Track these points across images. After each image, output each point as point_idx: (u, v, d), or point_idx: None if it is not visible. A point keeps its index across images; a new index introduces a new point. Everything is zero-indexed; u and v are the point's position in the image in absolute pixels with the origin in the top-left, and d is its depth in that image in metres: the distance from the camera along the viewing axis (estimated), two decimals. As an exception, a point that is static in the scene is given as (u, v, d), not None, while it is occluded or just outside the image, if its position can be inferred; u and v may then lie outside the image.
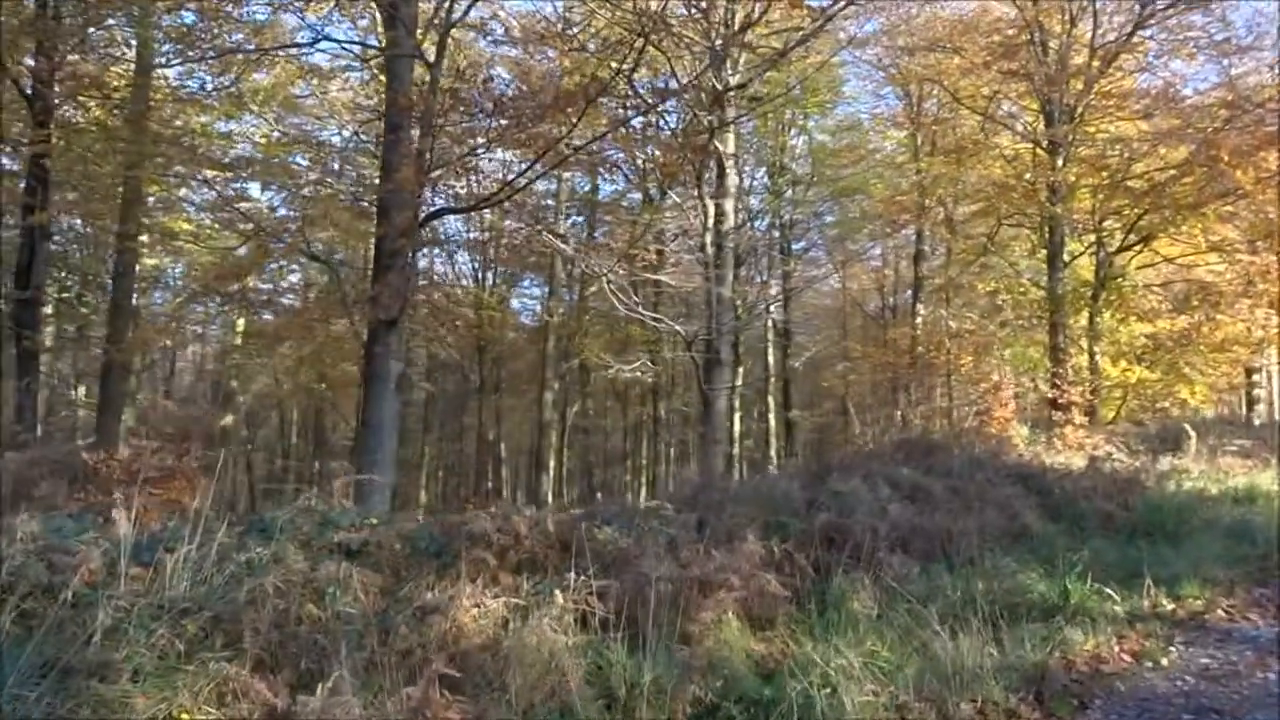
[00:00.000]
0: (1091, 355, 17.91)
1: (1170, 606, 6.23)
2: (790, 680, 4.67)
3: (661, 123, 16.38)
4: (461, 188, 14.01)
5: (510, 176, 12.38)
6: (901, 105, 24.11)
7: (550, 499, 29.07)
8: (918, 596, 6.21)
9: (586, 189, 28.12)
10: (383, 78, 12.49)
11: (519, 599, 5.07)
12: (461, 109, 10.62)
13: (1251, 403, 23.81)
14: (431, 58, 11.34)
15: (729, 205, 15.88)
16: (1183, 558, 7.50)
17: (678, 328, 16.99)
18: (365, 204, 13.46)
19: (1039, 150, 18.66)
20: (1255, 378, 23.38)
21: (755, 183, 27.18)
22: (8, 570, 3.86)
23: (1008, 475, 10.04)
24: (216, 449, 30.89)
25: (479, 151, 11.08)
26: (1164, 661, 5.13)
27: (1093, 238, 18.69)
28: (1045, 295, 18.34)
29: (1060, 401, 15.22)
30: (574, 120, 10.30)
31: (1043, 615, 5.84)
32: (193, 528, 4.63)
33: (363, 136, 14.69)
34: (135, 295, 22.02)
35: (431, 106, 10.88)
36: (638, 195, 24.65)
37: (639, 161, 20.06)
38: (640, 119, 15.85)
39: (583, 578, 5.24)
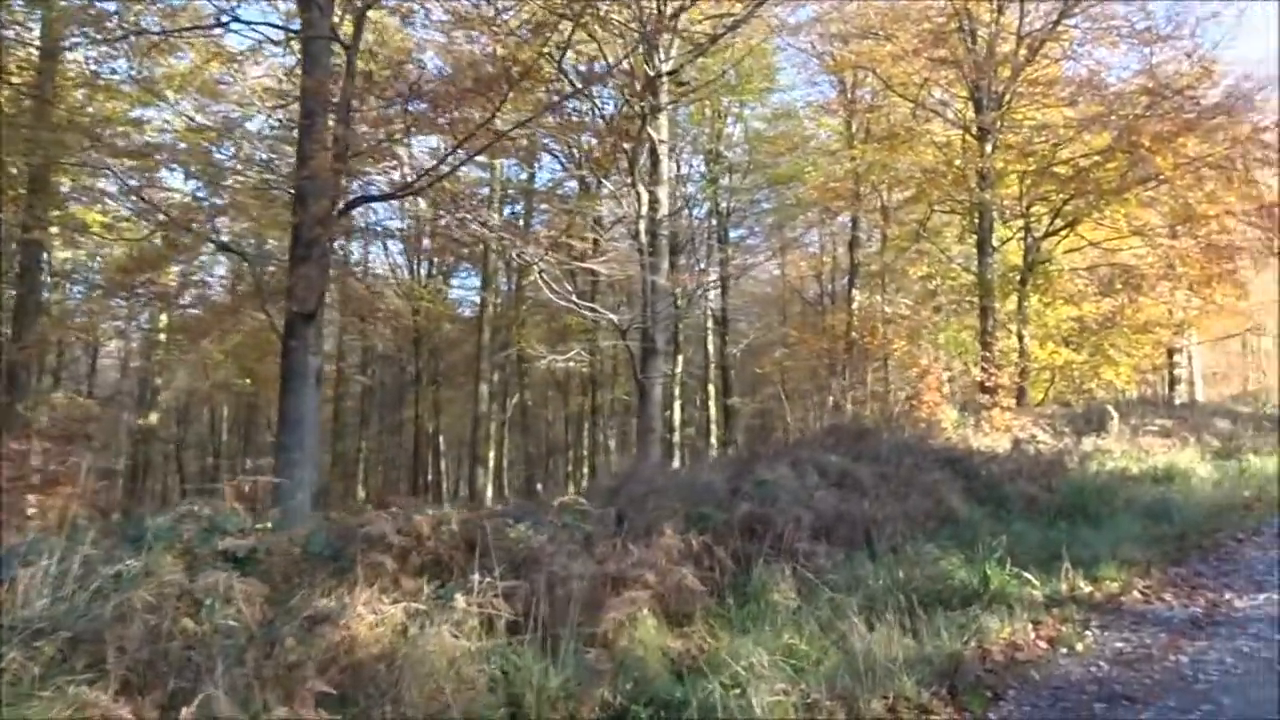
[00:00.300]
0: (1020, 338, 18.10)
1: (1088, 589, 6.21)
2: (702, 680, 4.50)
3: (595, 109, 16.12)
4: (386, 176, 13.58)
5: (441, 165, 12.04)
6: (835, 93, 24.14)
7: (490, 491, 28.73)
8: (839, 586, 6.11)
9: (523, 177, 27.78)
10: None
11: (420, 604, 4.83)
12: (378, 94, 10.23)
13: (1173, 383, 24.34)
14: (351, 40, 10.95)
15: (663, 193, 15.67)
16: (1102, 539, 7.52)
17: (612, 317, 16.78)
18: (282, 192, 12.97)
19: (969, 137, 18.78)
20: (1176, 359, 23.91)
21: (692, 170, 27.12)
22: None
23: (935, 459, 10.04)
24: (120, 449, 29.93)
25: (397, 137, 10.69)
26: (1079, 647, 5.07)
27: (1021, 223, 18.89)
28: (975, 280, 18.49)
29: (989, 385, 15.33)
30: (496, 104, 9.99)
31: (962, 602, 5.77)
32: (65, 539, 4.32)
33: (276, 123, 14.15)
34: (47, 290, 21.20)
35: (348, 91, 10.49)
36: (575, 184, 24.38)
37: (572, 149, 19.80)
38: (574, 106, 15.62)
39: (489, 579, 5.02)
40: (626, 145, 15.16)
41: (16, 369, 15.62)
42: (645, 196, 15.19)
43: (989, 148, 17.91)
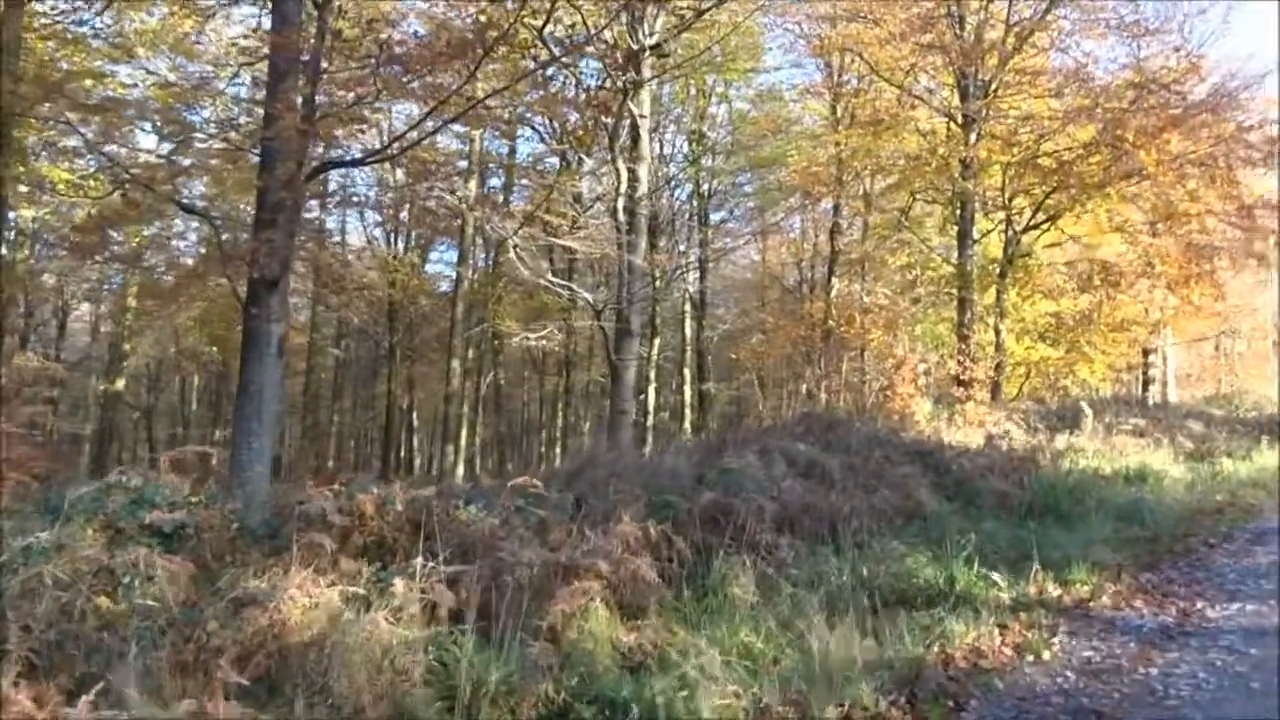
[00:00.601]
0: (997, 332, 17.98)
1: (1057, 593, 6.04)
2: (652, 679, 4.28)
3: (577, 82, 15.79)
4: (358, 141, 13.20)
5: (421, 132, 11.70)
6: (821, 76, 23.86)
7: (461, 470, 28.45)
8: (801, 582, 5.91)
9: (504, 151, 27.35)
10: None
11: (359, 588, 4.57)
12: (348, 54, 9.87)
13: (1147, 383, 24.37)
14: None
15: (643, 171, 15.37)
16: (1074, 540, 7.37)
17: (587, 296, 16.50)
18: (251, 155, 12.57)
19: (953, 125, 18.59)
20: (1151, 358, 23.93)
21: (675, 150, 26.80)
22: None
23: (906, 452, 9.88)
24: (87, 415, 29.33)
25: (368, 101, 10.33)
26: (1045, 655, 4.89)
27: (1002, 215, 18.74)
28: (955, 271, 18.34)
29: (964, 378, 15.19)
30: (471, 70, 9.65)
31: (927, 603, 5.58)
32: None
33: (246, 82, 13.72)
34: (9, 248, 20.63)
35: (318, 51, 10.12)
36: (556, 159, 24.03)
37: (554, 123, 19.44)
38: (556, 78, 15.27)
39: (433, 564, 4.77)
40: (607, 120, 14.86)
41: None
42: (625, 174, 14.92)
43: (973, 137, 17.72)
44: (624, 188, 14.96)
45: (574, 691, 4.33)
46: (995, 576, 6.02)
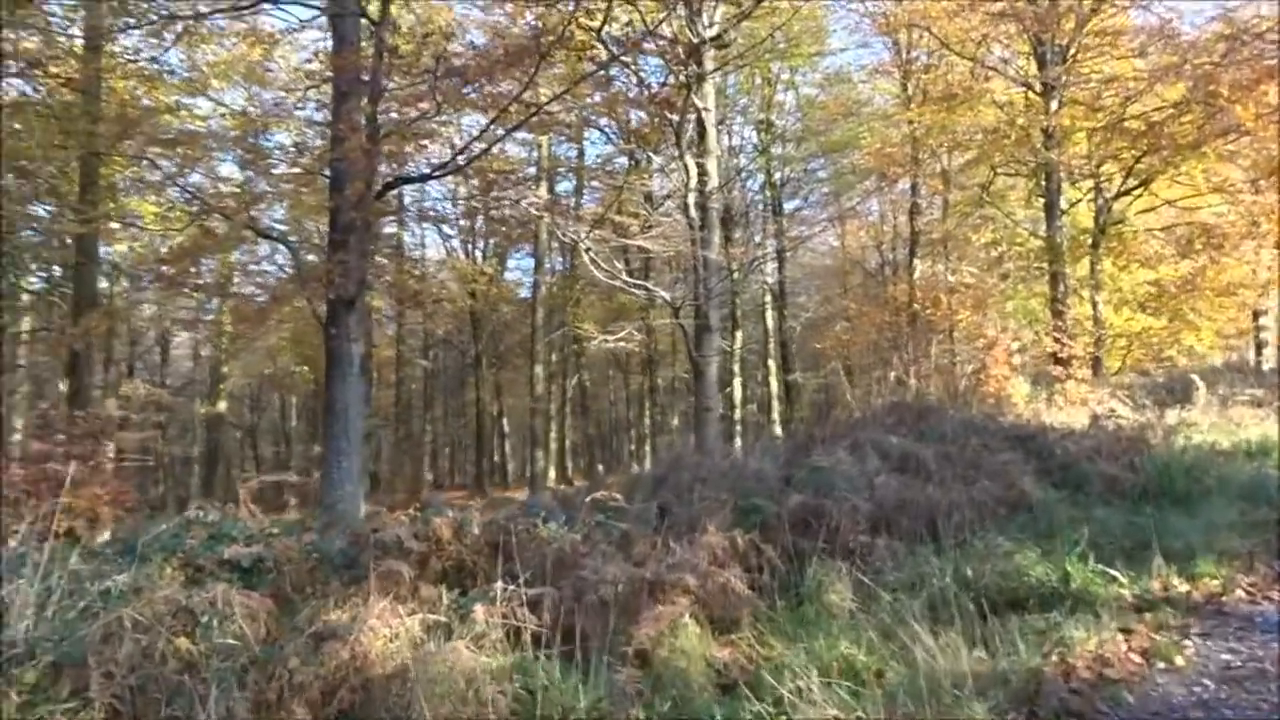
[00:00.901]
0: (1094, 305, 17.20)
1: (1184, 588, 5.57)
2: (745, 702, 4.04)
3: (640, 81, 15.61)
4: (425, 156, 13.26)
5: (485, 142, 11.67)
6: (890, 54, 23.20)
7: (552, 474, 28.58)
8: (901, 585, 5.59)
9: (573, 155, 27.36)
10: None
11: (439, 615, 4.45)
12: (405, 70, 9.87)
13: (1260, 347, 23.07)
14: (379, 17, 10.60)
15: (712, 165, 15.12)
16: (1195, 526, 6.85)
17: (662, 294, 16.32)
18: (323, 177, 12.74)
19: (1032, 94, 17.84)
20: (1262, 321, 22.63)
21: (744, 141, 26.43)
22: None
23: (1005, 438, 9.39)
24: (195, 438, 30.23)
25: (430, 115, 10.32)
26: (1178, 660, 4.47)
27: (1091, 183, 17.92)
28: (1044, 245, 17.60)
29: (1061, 355, 14.53)
30: (529, 76, 9.55)
31: (1040, 605, 5.20)
32: (55, 551, 4.01)
33: (312, 105, 13.91)
34: (109, 282, 21.39)
35: (378, 69, 10.15)
36: (625, 159, 23.89)
37: (620, 123, 19.30)
38: (619, 78, 15.13)
39: (514, 586, 4.62)
40: (672, 117, 14.65)
41: (78, 359, 15.74)
42: (694, 169, 14.70)
43: (1054, 105, 16.98)
44: (693, 183, 14.76)
45: (666, 717, 4.12)
46: (1113, 572, 5.59)
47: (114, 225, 17.78)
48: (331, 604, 4.43)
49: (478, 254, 31.90)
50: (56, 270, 19.11)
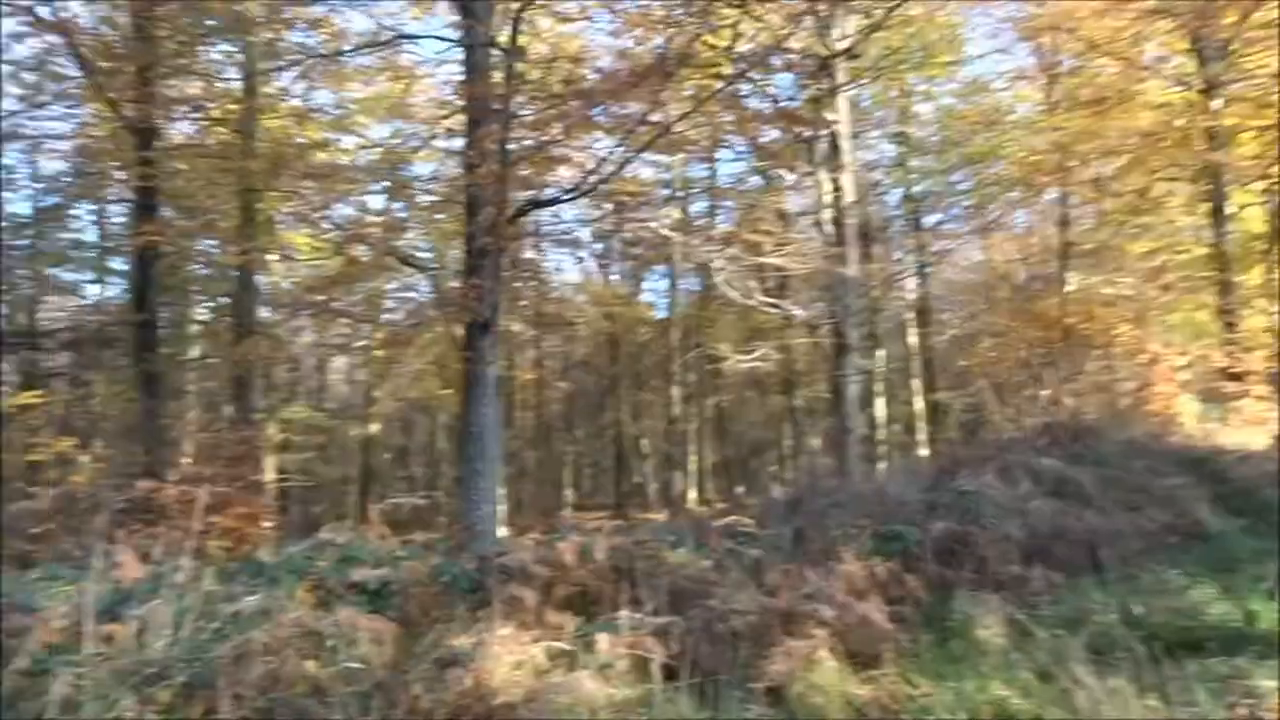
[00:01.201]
0: (1273, 315, 15.83)
1: (1392, 630, 4.93)
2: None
3: (772, 98, 15.42)
4: (557, 180, 13.41)
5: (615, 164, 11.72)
6: (1032, 60, 22.17)
7: (692, 495, 28.43)
8: (1059, 621, 5.15)
9: (706, 174, 27.29)
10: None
11: (564, 643, 4.33)
12: (531, 95, 9.97)
13: None
14: (509, 45, 10.77)
15: (846, 180, 14.77)
16: (1403, 560, 6.08)
17: (799, 312, 16.02)
18: (458, 204, 13.07)
19: (1191, 94, 16.68)
20: None
21: (881, 155, 25.78)
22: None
23: (1173, 460, 8.70)
24: (351, 459, 31.45)
25: (559, 140, 10.39)
26: (1390, 715, 3.92)
27: (1262, 185, 16.57)
28: (1210, 253, 16.36)
29: (1235, 371, 13.41)
30: (655, 96, 9.49)
31: (1222, 647, 4.67)
32: (191, 574, 4.10)
33: (445, 134, 14.29)
34: (268, 310, 22.55)
35: (509, 96, 10.30)
36: (759, 177, 23.66)
37: (753, 141, 19.10)
38: (749, 95, 14.97)
39: (639, 615, 4.46)
40: (805, 132, 14.40)
41: (242, 385, 16.65)
42: (828, 185, 14.40)
43: (1217, 104, 15.81)
44: (828, 199, 14.46)
45: (802, 758, 3.87)
46: (1307, 611, 5.00)
47: (271, 257, 18.79)
48: (457, 629, 4.38)
49: (613, 276, 32.18)
50: (221, 300, 20.35)
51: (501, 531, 11.68)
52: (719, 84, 11.68)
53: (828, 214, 14.42)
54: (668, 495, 28.84)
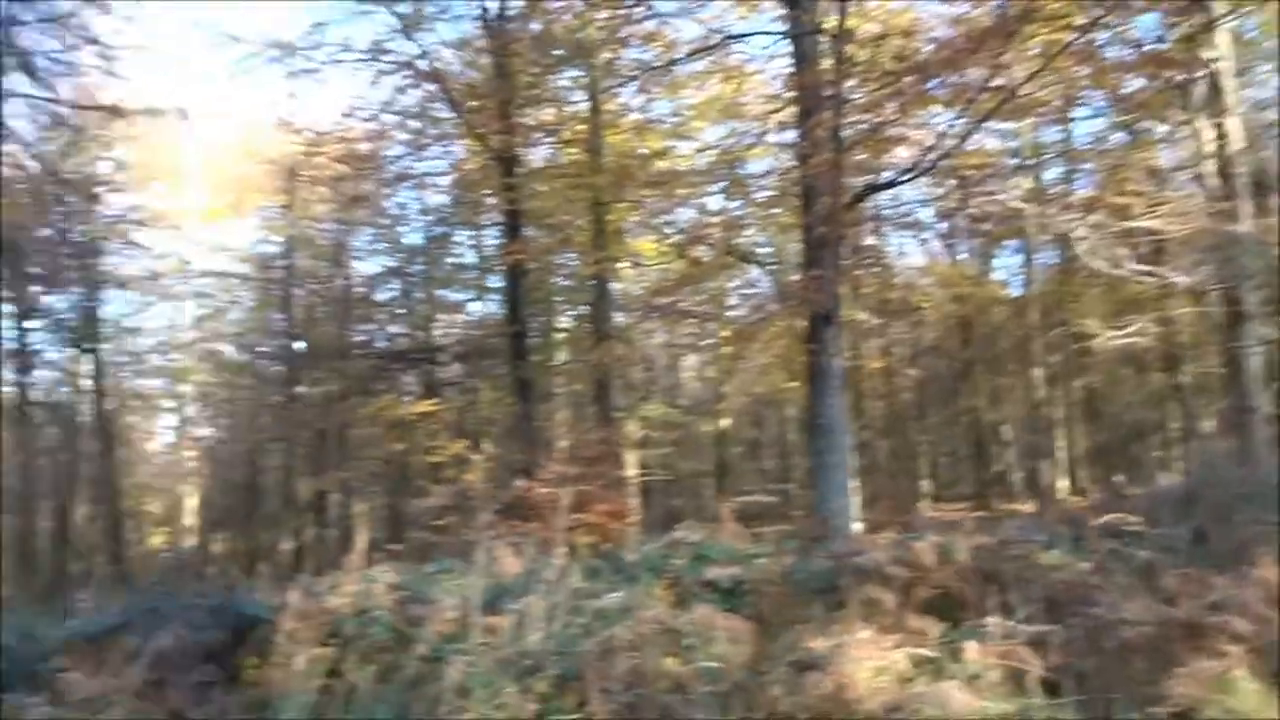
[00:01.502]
0: None
1: None
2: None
3: (1132, 41, 13.81)
4: (894, 159, 12.95)
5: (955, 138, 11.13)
6: None
7: (1063, 484, 26.29)
8: None
9: (1059, 137, 25.10)
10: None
11: (927, 650, 4.09)
12: (866, 76, 9.65)
13: None
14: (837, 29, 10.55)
15: (1232, 124, 12.93)
16: None
17: (1179, 279, 14.21)
18: (794, 196, 13.04)
19: None
20: None
21: (1275, 92, 22.18)
22: (364, 620, 3.84)
23: None
24: (706, 455, 32.60)
25: (894, 119, 9.98)
26: None
27: None
28: None
29: None
30: (996, 59, 8.82)
31: None
32: (560, 571, 4.37)
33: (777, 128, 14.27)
34: (622, 315, 23.93)
35: (840, 80, 10.08)
36: (1122, 133, 21.33)
37: (1111, 93, 17.23)
38: (1110, 42, 13.53)
39: (1010, 622, 4.11)
40: (1178, 76, 12.77)
41: (602, 386, 17.83)
42: (1210, 132, 12.69)
43: None
44: (1210, 149, 12.75)
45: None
46: None
47: (621, 264, 19.92)
48: (813, 630, 4.29)
49: (960, 256, 30.55)
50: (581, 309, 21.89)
51: (855, 526, 11.46)
52: (1070, 36, 10.65)
53: (1210, 166, 12.69)
54: (1034, 485, 26.80)
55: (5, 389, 20.02)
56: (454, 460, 11.86)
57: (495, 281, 20.74)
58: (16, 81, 17.04)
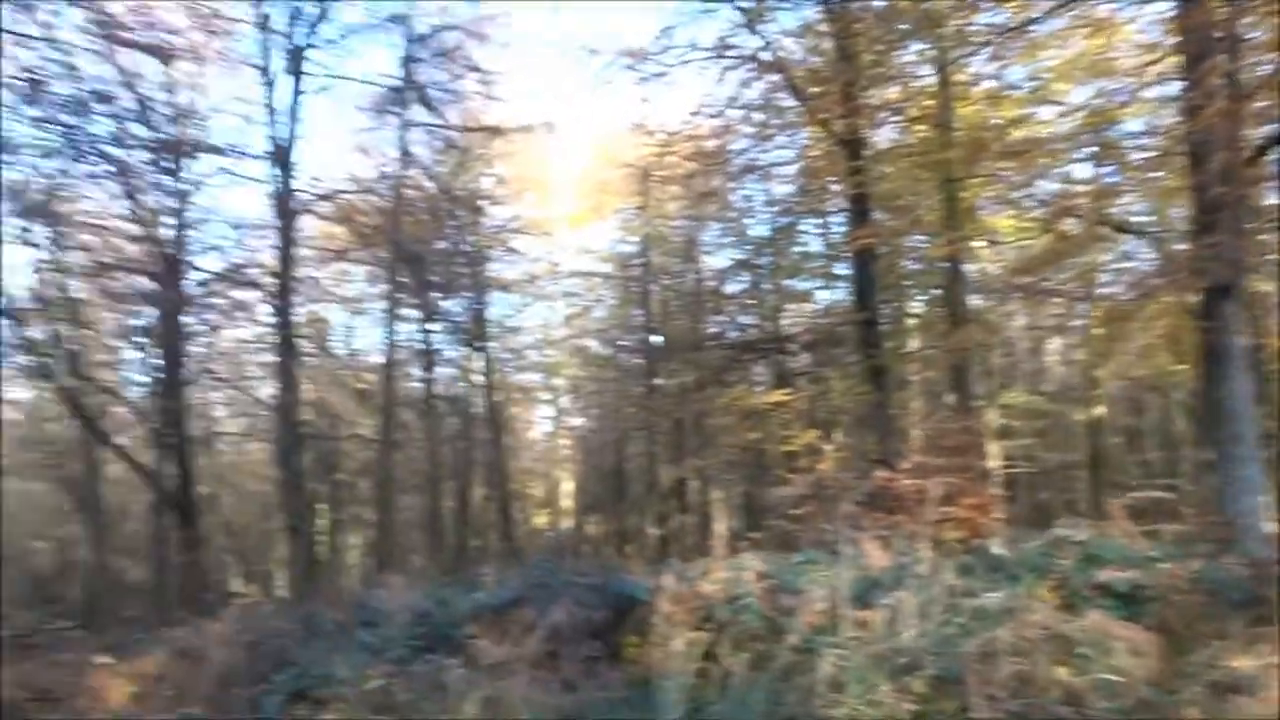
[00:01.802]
0: None
1: None
2: None
3: None
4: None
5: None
6: None
7: None
8: None
9: None
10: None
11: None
12: (1266, 10, 8.35)
13: None
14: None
15: None
16: None
17: None
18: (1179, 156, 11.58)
19: None
20: None
21: None
22: (735, 608, 3.95)
23: None
24: (1075, 445, 30.05)
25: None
26: None
27: None
28: None
29: None
30: None
31: None
32: (933, 566, 4.22)
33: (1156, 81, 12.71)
34: (979, 297, 22.58)
35: (1234, 18, 8.84)
36: None
37: None
38: None
39: None
40: None
41: (960, 373, 17.00)
42: None
43: None
44: None
45: None
46: None
47: (977, 244, 18.79)
48: (1233, 647, 3.79)
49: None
50: (934, 292, 20.98)
51: (1267, 528, 10.03)
52: None
53: None
54: None
55: (414, 385, 23.08)
56: (807, 450, 11.87)
57: (843, 269, 20.44)
58: (416, 113, 19.56)
